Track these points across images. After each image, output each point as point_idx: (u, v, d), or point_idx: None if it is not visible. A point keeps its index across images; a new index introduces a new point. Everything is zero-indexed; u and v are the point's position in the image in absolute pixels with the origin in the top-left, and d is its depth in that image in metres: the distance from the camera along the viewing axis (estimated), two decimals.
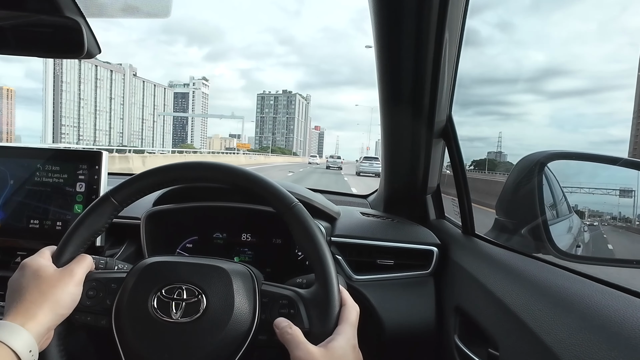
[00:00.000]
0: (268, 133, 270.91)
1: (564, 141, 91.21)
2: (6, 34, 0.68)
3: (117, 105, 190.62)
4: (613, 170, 0.76)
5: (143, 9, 0.79)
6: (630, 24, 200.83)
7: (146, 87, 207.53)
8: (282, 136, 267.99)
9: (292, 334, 0.53)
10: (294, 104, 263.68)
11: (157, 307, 0.56)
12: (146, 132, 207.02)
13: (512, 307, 0.60)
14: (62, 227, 0.92)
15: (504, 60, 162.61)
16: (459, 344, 0.76)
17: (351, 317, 0.55)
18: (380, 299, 0.88)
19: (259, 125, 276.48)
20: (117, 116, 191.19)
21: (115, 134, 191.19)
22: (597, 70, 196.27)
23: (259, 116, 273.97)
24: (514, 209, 0.86)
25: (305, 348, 0.51)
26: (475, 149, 2.75)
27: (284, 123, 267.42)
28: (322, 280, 0.56)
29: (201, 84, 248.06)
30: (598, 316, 0.48)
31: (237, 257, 1.03)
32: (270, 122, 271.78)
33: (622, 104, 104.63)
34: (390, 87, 0.89)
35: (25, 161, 0.94)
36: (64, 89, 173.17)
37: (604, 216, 0.81)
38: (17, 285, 0.55)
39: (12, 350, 0.47)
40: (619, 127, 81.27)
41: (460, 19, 0.77)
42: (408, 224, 1.06)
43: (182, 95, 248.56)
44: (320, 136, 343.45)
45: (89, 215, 0.60)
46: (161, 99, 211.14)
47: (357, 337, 0.54)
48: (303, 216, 0.58)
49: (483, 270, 0.75)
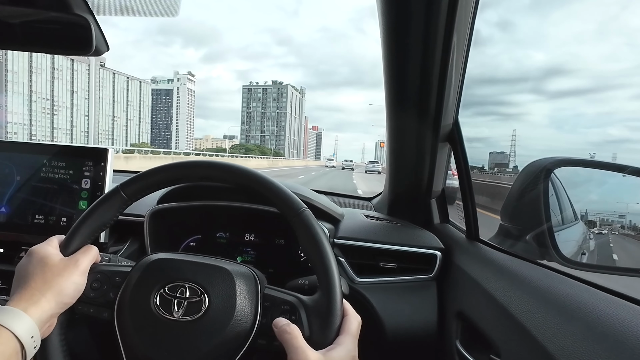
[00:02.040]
0: (256, 131, 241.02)
1: (561, 142, 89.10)
2: (16, 30, 0.68)
3: (81, 100, 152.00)
4: (620, 178, 0.76)
5: (151, 8, 0.79)
6: (630, 23, 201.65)
7: (117, 80, 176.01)
8: (272, 134, 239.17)
9: (291, 334, 0.52)
10: (285, 96, 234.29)
11: (159, 304, 0.56)
12: (119, 131, 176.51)
13: (515, 314, 0.59)
14: (66, 223, 0.92)
15: (504, 60, 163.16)
16: (461, 349, 0.76)
17: (352, 329, 0.55)
18: (382, 302, 0.88)
19: (245, 121, 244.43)
20: (81, 113, 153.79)
21: (78, 133, 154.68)
22: (597, 69, 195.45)
23: (245, 111, 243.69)
24: (519, 215, 0.85)
25: (304, 352, 0.50)
26: (474, 149, 2.77)
27: (273, 119, 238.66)
28: (326, 289, 0.55)
29: (186, 79, 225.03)
30: (602, 325, 0.47)
31: (239, 256, 1.03)
32: (259, 118, 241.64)
33: (621, 104, 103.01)
34: (396, 91, 0.89)
35: (32, 157, 0.95)
36: (9, 79, 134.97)
37: (614, 224, 0.80)
38: (23, 271, 0.55)
39: (14, 335, 0.47)
40: (618, 126, 79.88)
41: (469, 23, 0.77)
42: (412, 227, 1.06)
43: (166, 92, 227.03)
44: (318, 137, 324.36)
45: (98, 207, 0.61)
46: (136, 93, 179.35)
47: (357, 349, 0.54)
48: (311, 223, 0.57)
49: (486, 275, 0.75)
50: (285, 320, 0.54)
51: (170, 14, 0.78)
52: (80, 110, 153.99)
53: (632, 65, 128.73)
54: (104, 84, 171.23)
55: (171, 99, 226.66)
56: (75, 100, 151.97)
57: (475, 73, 0.88)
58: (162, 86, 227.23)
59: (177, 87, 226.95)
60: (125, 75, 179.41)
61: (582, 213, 0.87)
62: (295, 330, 0.53)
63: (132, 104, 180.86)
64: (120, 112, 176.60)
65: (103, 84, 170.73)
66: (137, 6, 0.79)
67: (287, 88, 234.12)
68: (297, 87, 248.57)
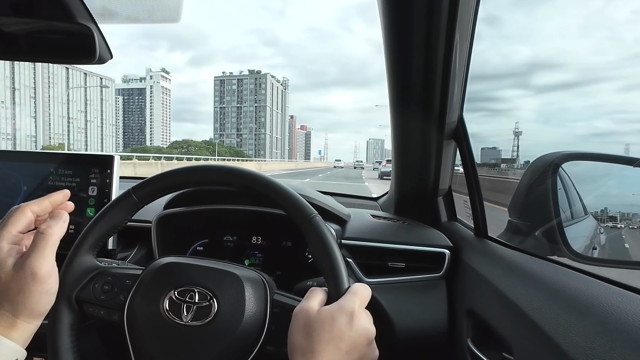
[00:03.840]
0: (232, 129, 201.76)
1: (549, 135, 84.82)
2: (20, 40, 0.69)
3: (26, 99, 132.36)
4: (630, 171, 0.75)
5: (154, 15, 0.80)
6: (615, 16, 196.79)
7: (72, 77, 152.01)
8: (251, 132, 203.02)
9: (313, 290, 0.54)
10: (265, 88, 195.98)
11: (168, 308, 0.56)
12: (76, 135, 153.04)
13: (527, 311, 0.59)
14: (74, 230, 0.93)
15: (491, 55, 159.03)
16: (472, 348, 0.75)
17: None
18: (392, 302, 0.87)
19: (218, 119, 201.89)
20: (26, 114, 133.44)
21: (23, 138, 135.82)
22: (584, 62, 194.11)
23: (218, 107, 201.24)
24: (527, 211, 0.85)
25: (306, 303, 0.52)
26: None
27: (252, 115, 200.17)
28: (335, 294, 0.55)
29: (160, 76, 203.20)
30: (616, 320, 0.47)
31: (247, 259, 1.03)
32: (234, 114, 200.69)
33: (607, 96, 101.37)
34: (400, 89, 0.89)
35: (39, 166, 0.96)
36: None
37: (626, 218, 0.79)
38: None
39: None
40: (604, 119, 78.20)
41: (471, 19, 0.77)
42: (419, 226, 1.05)
43: (139, 92, 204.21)
44: (307, 137, 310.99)
45: (111, 209, 0.62)
46: (95, 92, 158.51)
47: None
48: (321, 229, 0.57)
49: (496, 272, 0.74)
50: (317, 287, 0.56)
51: (173, 20, 0.79)
52: (25, 111, 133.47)
53: (618, 58, 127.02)
54: (55, 80, 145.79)
55: (144, 98, 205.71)
56: (17, 98, 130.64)
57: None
58: (134, 85, 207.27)
59: (150, 85, 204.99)
60: (81, 71, 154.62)
61: (592, 207, 0.86)
62: (320, 291, 0.55)
63: (91, 103, 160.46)
64: (76, 113, 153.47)
65: (54, 80, 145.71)
66: (139, 14, 0.79)
67: (266, 78, 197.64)
68: (279, 79, 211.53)
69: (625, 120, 27.31)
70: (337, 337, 0.48)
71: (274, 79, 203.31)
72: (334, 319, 0.49)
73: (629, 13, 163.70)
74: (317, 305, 0.52)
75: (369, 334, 0.51)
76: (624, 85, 58.63)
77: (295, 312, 0.52)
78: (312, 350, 0.47)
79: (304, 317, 0.50)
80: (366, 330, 0.50)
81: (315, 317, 0.50)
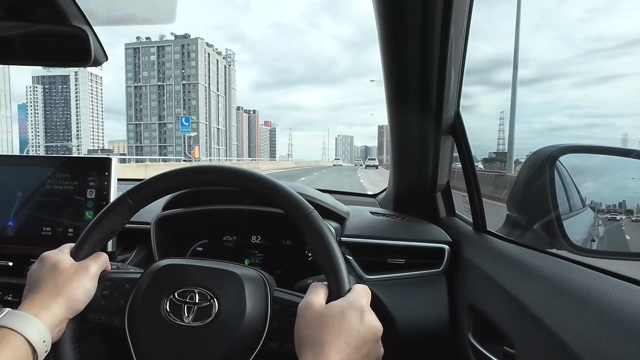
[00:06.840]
0: (151, 117, 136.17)
1: (507, 130, 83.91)
2: (15, 44, 0.69)
3: None
4: (627, 162, 0.75)
5: (148, 16, 0.79)
6: (569, 15, 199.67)
7: None
8: (178, 121, 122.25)
9: (315, 285, 0.55)
10: (196, 58, 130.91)
11: (169, 310, 0.56)
12: None
13: (527, 304, 0.59)
14: (73, 234, 0.93)
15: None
16: (474, 342, 0.75)
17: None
18: (393, 298, 0.88)
19: (132, 105, 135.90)
20: None
21: None
22: (541, 59, 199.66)
23: (133, 86, 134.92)
24: (526, 205, 0.85)
25: (311, 298, 0.52)
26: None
27: (178, 95, 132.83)
28: (335, 289, 0.55)
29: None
30: (616, 311, 0.47)
31: (247, 259, 1.03)
32: (154, 95, 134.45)
33: (562, 92, 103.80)
34: (396, 85, 0.89)
35: (36, 170, 0.95)
36: None
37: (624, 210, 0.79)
38: (35, 277, 0.56)
39: (26, 340, 0.48)
40: (559, 115, 79.37)
41: (466, 13, 0.77)
42: (418, 222, 1.05)
43: (63, 80, 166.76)
44: (272, 134, 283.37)
45: (106, 215, 0.62)
46: None
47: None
48: (318, 224, 0.57)
49: (496, 267, 0.75)
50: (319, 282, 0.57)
51: (167, 21, 0.79)
52: None
53: (572, 55, 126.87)
54: None
55: (68, 87, 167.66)
56: None
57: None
58: (56, 72, 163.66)
59: (74, 71, 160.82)
60: None
61: (590, 199, 0.86)
62: (321, 286, 0.55)
63: None
64: None
65: None
66: (134, 16, 0.79)
67: (196, 43, 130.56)
68: (218, 50, 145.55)
69: (576, 115, 27.59)
70: (347, 332, 0.48)
71: (210, 48, 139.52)
72: (344, 314, 0.50)
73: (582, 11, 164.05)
74: (323, 300, 0.52)
75: (378, 331, 0.52)
76: (578, 81, 58.53)
77: (300, 307, 0.52)
78: (322, 342, 0.47)
79: (311, 311, 0.51)
80: (375, 327, 0.51)
81: (324, 311, 0.50)
